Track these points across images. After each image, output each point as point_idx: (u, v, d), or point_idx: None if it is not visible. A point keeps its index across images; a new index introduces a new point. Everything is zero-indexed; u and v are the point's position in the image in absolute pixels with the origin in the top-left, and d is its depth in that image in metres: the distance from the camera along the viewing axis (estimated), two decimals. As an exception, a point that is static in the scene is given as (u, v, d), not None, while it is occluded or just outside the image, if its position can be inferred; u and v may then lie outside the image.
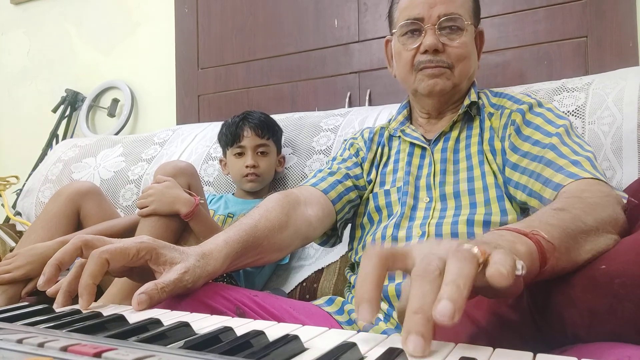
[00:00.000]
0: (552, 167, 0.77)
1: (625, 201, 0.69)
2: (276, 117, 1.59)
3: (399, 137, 1.01)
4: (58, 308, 0.55)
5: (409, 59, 0.93)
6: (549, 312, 0.51)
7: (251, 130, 1.39)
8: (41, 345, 0.35)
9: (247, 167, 1.38)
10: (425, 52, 0.90)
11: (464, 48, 0.90)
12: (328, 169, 1.01)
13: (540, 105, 0.90)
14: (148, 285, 0.54)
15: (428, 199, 0.91)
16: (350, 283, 0.96)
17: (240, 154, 1.41)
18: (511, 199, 0.86)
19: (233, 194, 1.49)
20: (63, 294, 0.57)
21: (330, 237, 1.02)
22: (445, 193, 0.90)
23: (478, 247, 0.39)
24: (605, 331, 0.46)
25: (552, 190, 0.75)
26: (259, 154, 1.40)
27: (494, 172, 0.88)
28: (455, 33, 0.90)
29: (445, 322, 0.34)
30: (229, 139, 1.42)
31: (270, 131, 1.42)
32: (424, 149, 0.96)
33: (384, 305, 0.83)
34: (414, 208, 0.91)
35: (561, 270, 0.50)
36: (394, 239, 0.88)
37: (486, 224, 0.83)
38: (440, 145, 0.95)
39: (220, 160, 1.51)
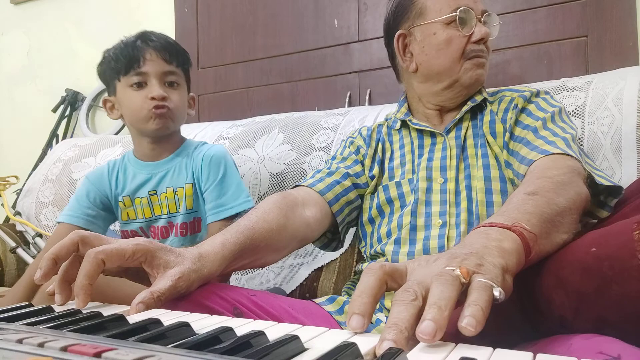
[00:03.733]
0: (529, 147, 0.81)
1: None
2: (276, 117, 1.59)
3: (400, 129, 1.01)
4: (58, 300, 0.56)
5: (461, 46, 0.93)
6: (537, 294, 0.52)
7: (156, 52, 1.05)
8: (41, 345, 0.35)
9: (153, 98, 1.04)
10: (478, 41, 0.93)
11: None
12: (327, 168, 1.00)
13: (537, 94, 0.94)
14: (145, 295, 0.55)
15: (442, 180, 0.90)
16: (353, 282, 0.96)
17: (141, 84, 1.06)
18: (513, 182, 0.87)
19: (134, 156, 1.16)
20: (59, 282, 0.58)
21: (331, 241, 1.01)
22: (460, 177, 0.90)
23: (460, 268, 0.43)
24: (592, 315, 0.48)
25: (525, 166, 0.78)
26: (167, 84, 1.07)
27: (496, 156, 0.90)
28: (492, 29, 0.96)
29: (427, 341, 0.37)
30: (122, 63, 1.05)
31: (180, 57, 1.10)
32: (433, 135, 0.96)
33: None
34: (428, 191, 0.90)
35: (545, 253, 0.54)
36: (412, 228, 0.87)
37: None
38: (453, 133, 0.95)
39: (105, 102, 1.13)
